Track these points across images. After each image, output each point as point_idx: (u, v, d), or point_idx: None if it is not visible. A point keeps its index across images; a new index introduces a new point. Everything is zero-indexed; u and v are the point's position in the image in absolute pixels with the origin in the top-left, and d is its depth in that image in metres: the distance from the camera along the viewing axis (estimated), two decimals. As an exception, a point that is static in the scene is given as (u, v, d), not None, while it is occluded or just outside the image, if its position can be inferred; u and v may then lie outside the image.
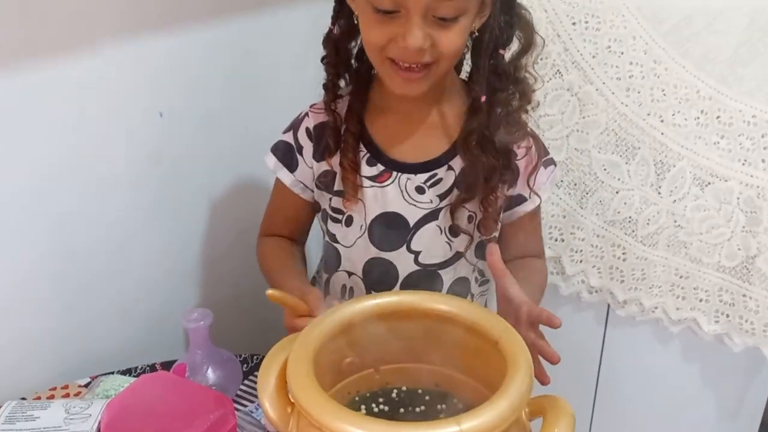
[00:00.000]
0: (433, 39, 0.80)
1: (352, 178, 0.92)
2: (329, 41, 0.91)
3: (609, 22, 1.09)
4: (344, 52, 0.92)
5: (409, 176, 0.93)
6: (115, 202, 1.04)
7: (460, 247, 0.95)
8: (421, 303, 0.74)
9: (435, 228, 0.94)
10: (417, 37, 0.78)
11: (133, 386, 0.86)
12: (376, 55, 0.84)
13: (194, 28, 1.06)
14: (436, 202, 0.93)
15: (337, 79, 0.93)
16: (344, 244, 0.97)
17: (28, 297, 0.98)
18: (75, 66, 0.93)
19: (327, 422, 0.58)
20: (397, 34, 0.79)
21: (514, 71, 0.89)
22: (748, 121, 1.06)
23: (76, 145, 0.97)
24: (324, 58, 0.92)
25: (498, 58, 0.88)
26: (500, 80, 0.88)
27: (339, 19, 0.89)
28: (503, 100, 0.89)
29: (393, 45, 0.81)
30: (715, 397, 1.29)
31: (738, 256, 1.13)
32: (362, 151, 0.94)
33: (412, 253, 0.95)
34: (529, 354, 0.66)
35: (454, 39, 0.81)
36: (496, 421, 0.57)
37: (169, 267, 1.16)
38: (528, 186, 0.95)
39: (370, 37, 0.83)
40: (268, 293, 0.81)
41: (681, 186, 1.13)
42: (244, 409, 0.93)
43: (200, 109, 1.11)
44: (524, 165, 0.95)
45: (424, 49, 0.80)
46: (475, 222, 0.95)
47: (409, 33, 0.78)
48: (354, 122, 0.93)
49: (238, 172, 1.20)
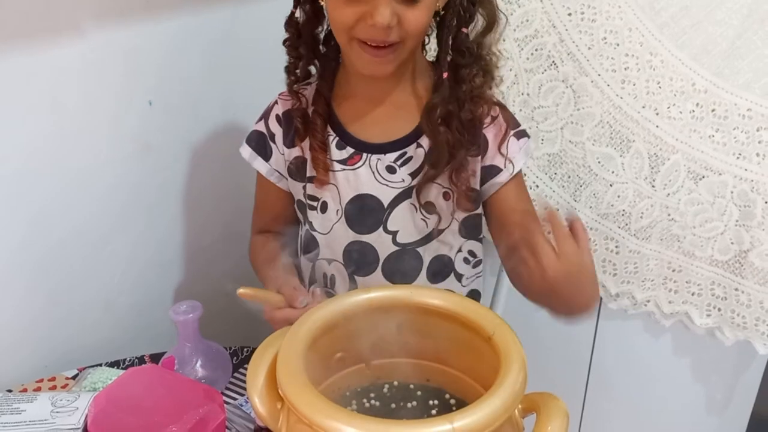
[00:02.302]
0: (399, 17, 0.82)
1: (322, 158, 0.94)
2: (291, 24, 0.92)
3: (605, 14, 1.08)
4: (309, 37, 0.93)
5: (380, 156, 0.94)
6: (99, 191, 1.03)
7: (437, 225, 0.96)
8: (412, 297, 0.73)
9: (409, 206, 0.95)
10: (384, 15, 0.80)
11: (120, 379, 0.85)
12: (344, 35, 0.85)
13: (179, 14, 1.05)
14: (408, 180, 0.94)
15: (299, 61, 0.94)
16: (322, 231, 0.97)
17: (9, 288, 0.97)
18: (55, 51, 0.91)
19: (317, 419, 0.57)
20: (365, 13, 0.81)
21: (477, 48, 0.90)
22: (743, 114, 1.06)
23: (56, 133, 0.96)
24: (285, 41, 0.93)
25: (461, 36, 0.89)
26: (463, 57, 0.90)
27: (303, 4, 0.91)
28: (467, 76, 0.90)
29: (361, 24, 0.82)
30: (706, 390, 1.30)
31: (731, 250, 1.13)
32: (331, 135, 0.95)
33: (389, 234, 0.95)
34: (522, 350, 0.65)
35: (420, 16, 0.83)
36: (488, 420, 0.57)
37: (156, 258, 1.15)
38: (500, 153, 0.94)
39: (338, 17, 0.84)
40: (238, 292, 0.80)
41: (675, 179, 1.12)
42: (234, 403, 0.92)
43: (184, 97, 1.10)
44: (493, 133, 0.95)
45: (391, 27, 0.82)
46: (452, 199, 0.95)
47: (377, 11, 0.80)
48: (322, 104, 0.95)
49: (224, 162, 1.19)
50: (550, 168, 1.20)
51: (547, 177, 1.21)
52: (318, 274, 1.00)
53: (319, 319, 0.69)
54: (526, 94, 1.17)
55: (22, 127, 0.92)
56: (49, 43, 0.90)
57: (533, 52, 1.14)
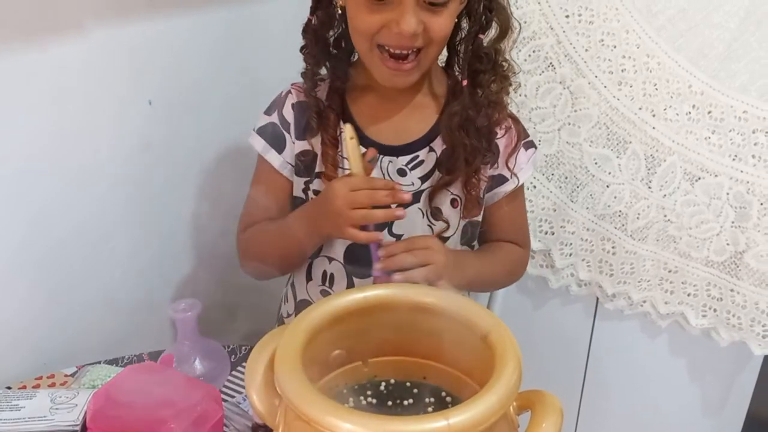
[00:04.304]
0: (425, 24, 0.82)
1: (332, 153, 0.93)
2: (308, 31, 0.92)
3: (602, 16, 1.09)
4: (323, 41, 0.93)
5: (391, 159, 0.94)
6: (99, 191, 1.03)
7: (442, 231, 0.96)
8: (409, 296, 0.74)
9: (417, 211, 0.95)
10: (411, 23, 0.80)
11: (119, 376, 0.85)
12: (366, 42, 0.85)
13: (181, 13, 1.05)
14: (418, 184, 0.94)
15: (317, 68, 0.94)
16: None
17: (10, 286, 0.97)
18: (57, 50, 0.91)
19: (314, 415, 0.58)
20: (390, 20, 0.81)
21: (495, 54, 0.91)
22: (739, 116, 1.06)
23: (57, 132, 0.96)
24: (303, 48, 0.93)
25: (478, 42, 0.90)
26: (481, 63, 0.90)
27: (318, 9, 0.91)
28: (484, 82, 0.91)
29: (385, 31, 0.82)
30: (702, 391, 1.30)
31: (727, 251, 1.13)
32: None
33: (394, 237, 0.95)
34: (517, 347, 0.66)
35: (445, 23, 0.83)
36: (484, 416, 0.57)
37: (156, 256, 1.15)
38: (509, 164, 0.96)
39: (362, 24, 0.84)
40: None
41: (671, 181, 1.13)
42: (232, 400, 0.93)
43: (187, 96, 1.10)
44: (504, 144, 0.96)
45: (417, 33, 0.81)
46: (460, 206, 0.95)
47: (403, 19, 0.80)
48: (336, 100, 0.94)
49: (225, 161, 1.20)
50: (548, 169, 1.21)
51: (544, 178, 1.22)
52: (317, 272, 1.00)
53: (316, 317, 0.70)
54: (524, 95, 1.17)
55: (23, 126, 0.92)
56: (51, 42, 0.91)
57: (531, 53, 1.15)
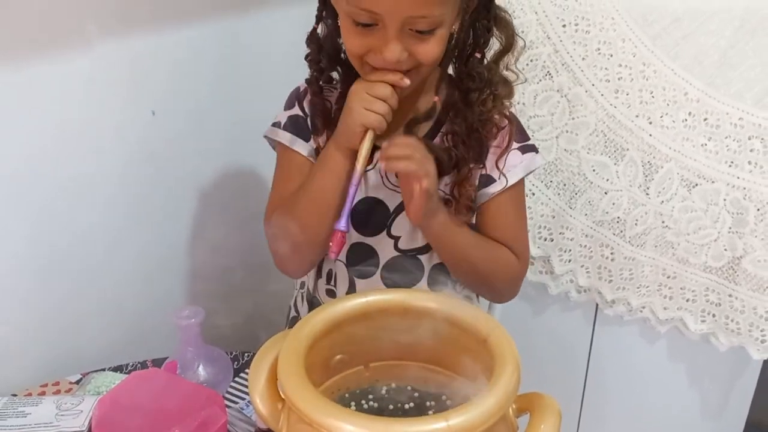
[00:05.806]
0: (410, 50, 0.81)
1: None
2: (312, 40, 0.92)
3: (599, 25, 1.10)
4: (332, 48, 0.93)
5: None
6: (103, 199, 1.04)
7: None
8: (410, 301, 0.75)
9: None
10: (395, 51, 0.80)
11: (124, 383, 0.86)
12: (356, 60, 0.86)
13: (184, 24, 1.06)
14: None
15: (321, 74, 0.94)
16: None
17: (15, 294, 0.98)
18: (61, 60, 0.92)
19: (317, 418, 0.58)
20: (375, 46, 0.81)
21: (488, 73, 0.89)
22: (735, 123, 1.08)
23: (61, 140, 0.97)
24: (307, 56, 0.93)
25: (473, 60, 0.89)
26: (473, 82, 0.89)
27: (325, 19, 0.91)
28: (477, 101, 0.90)
29: (372, 55, 0.82)
30: (702, 396, 1.31)
31: (724, 256, 1.14)
32: None
33: (392, 238, 0.96)
34: (516, 351, 0.67)
35: (431, 49, 0.82)
36: (483, 417, 0.58)
37: (159, 264, 1.16)
38: (497, 167, 0.94)
39: (350, 46, 0.85)
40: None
41: (669, 187, 1.14)
42: (235, 406, 0.94)
43: (190, 105, 1.11)
44: (494, 145, 0.95)
45: (401, 60, 0.81)
46: (453, 209, 0.94)
47: (386, 47, 0.80)
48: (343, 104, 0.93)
49: (228, 169, 1.21)
50: (546, 176, 1.22)
51: (542, 185, 1.23)
52: (324, 270, 1.01)
53: (318, 323, 0.71)
54: (522, 104, 1.19)
55: (28, 136, 0.93)
56: (55, 52, 0.92)
57: (528, 62, 1.16)
